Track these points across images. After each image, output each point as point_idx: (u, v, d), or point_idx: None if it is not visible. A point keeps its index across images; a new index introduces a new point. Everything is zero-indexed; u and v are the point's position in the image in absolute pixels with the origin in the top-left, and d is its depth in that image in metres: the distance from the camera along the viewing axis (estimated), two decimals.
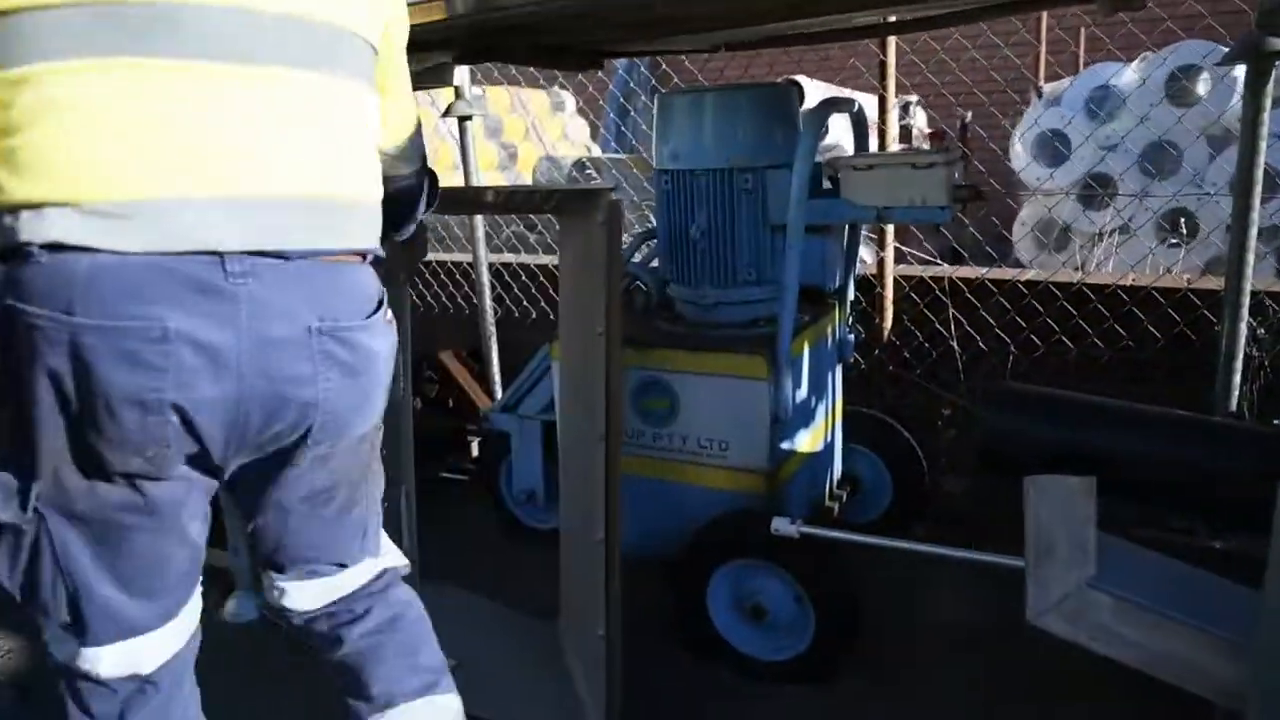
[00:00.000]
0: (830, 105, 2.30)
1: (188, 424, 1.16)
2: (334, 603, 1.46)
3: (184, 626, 1.33)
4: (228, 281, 1.14)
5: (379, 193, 1.36)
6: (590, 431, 1.89)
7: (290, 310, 1.19)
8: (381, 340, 1.32)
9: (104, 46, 1.09)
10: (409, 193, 1.57)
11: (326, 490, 1.37)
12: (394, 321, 1.39)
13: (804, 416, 2.44)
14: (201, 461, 1.22)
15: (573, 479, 2.15)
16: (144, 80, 1.10)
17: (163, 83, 1.11)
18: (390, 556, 1.55)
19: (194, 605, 1.36)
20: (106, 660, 1.25)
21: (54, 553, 1.19)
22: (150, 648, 1.28)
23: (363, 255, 1.32)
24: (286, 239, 1.19)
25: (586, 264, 1.89)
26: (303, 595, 1.44)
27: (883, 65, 3.34)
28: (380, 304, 1.33)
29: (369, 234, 1.34)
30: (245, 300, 1.15)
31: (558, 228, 2.21)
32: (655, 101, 2.46)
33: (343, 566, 1.45)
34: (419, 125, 1.56)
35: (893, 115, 3.45)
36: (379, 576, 1.50)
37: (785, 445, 2.32)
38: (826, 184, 2.37)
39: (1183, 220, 4.08)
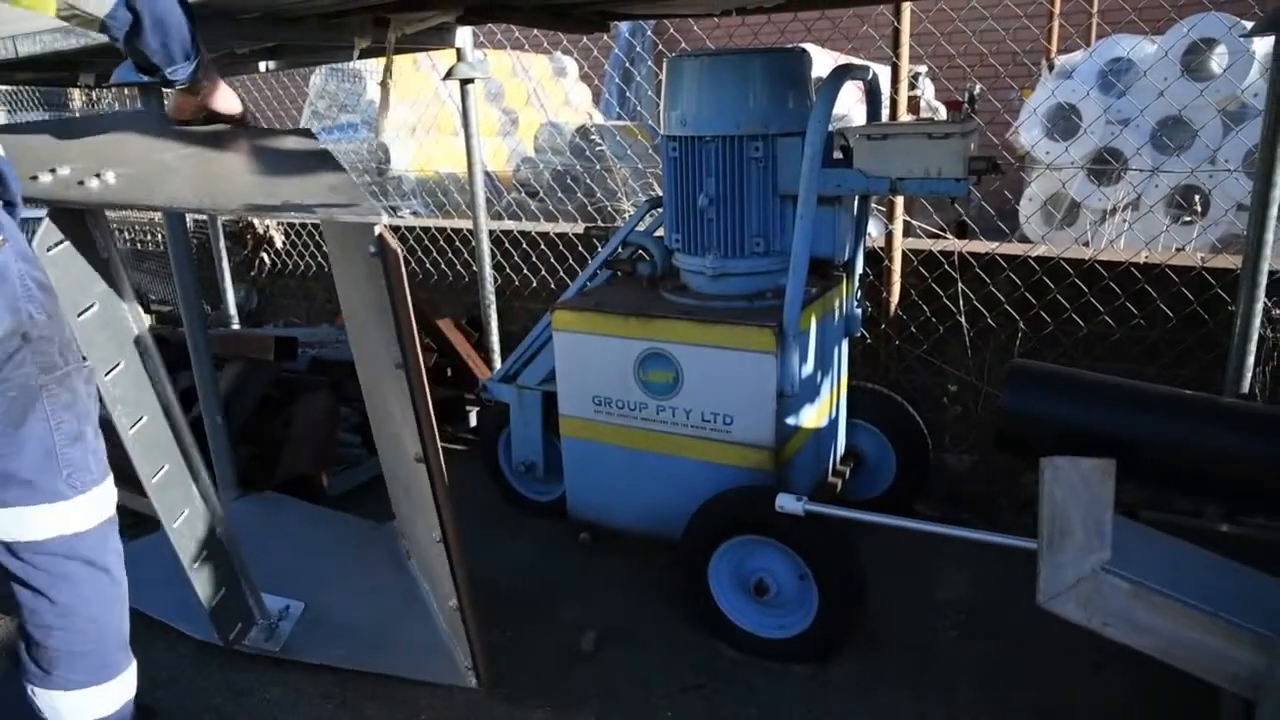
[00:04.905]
0: (845, 71, 2.23)
1: None
2: None
3: None
4: None
5: None
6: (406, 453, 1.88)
7: None
8: None
9: None
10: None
11: None
12: None
13: (810, 391, 2.39)
14: None
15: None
16: None
17: None
18: None
19: None
20: None
21: None
22: None
23: None
24: None
25: (367, 296, 1.76)
26: None
27: (896, 33, 3.25)
28: None
29: None
30: None
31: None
32: (664, 65, 2.39)
33: None
34: None
35: (904, 85, 3.37)
36: None
37: (790, 421, 2.28)
38: (837, 154, 2.31)
39: (1196, 197, 4.00)
